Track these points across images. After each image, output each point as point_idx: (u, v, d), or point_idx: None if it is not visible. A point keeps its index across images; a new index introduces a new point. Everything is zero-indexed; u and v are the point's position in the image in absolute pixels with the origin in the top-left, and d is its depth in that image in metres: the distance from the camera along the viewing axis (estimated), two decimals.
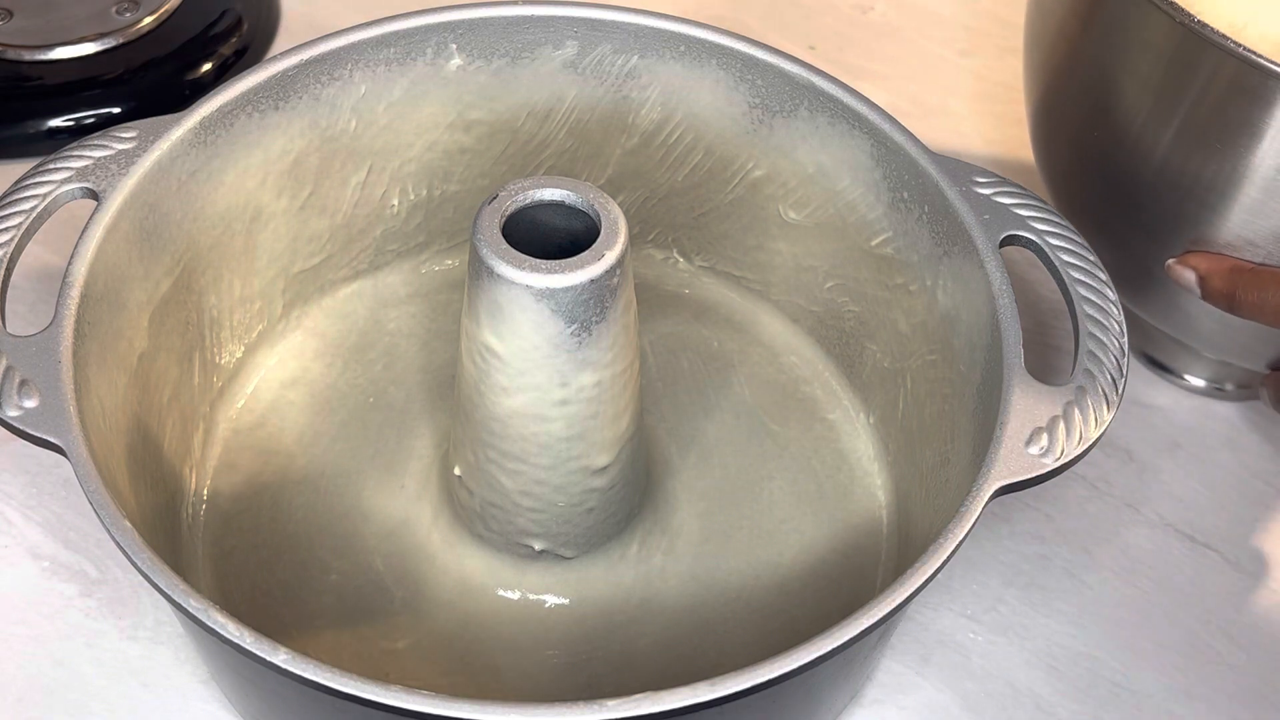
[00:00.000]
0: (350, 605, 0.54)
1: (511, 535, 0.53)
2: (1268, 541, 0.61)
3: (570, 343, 0.47)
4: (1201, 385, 0.66)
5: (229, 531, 0.55)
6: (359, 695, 0.39)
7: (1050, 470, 0.46)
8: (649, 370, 0.61)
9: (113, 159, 0.51)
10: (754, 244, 0.62)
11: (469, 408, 0.51)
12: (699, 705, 0.40)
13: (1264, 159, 0.50)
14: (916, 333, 0.56)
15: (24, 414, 0.44)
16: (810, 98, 0.56)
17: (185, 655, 0.54)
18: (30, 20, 0.73)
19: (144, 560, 0.42)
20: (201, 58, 0.74)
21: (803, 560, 0.56)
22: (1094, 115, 0.56)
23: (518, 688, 0.52)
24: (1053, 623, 0.58)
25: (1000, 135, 0.76)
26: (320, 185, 0.58)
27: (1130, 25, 0.53)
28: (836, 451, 0.60)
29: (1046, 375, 0.48)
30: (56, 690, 0.53)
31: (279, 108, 0.55)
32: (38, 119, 0.71)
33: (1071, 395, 0.47)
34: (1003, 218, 0.52)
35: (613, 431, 0.51)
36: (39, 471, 0.59)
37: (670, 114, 0.60)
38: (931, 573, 0.43)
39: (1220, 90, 0.50)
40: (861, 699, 0.55)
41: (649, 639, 0.54)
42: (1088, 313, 0.50)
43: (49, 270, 0.63)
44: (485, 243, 0.46)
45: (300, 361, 0.61)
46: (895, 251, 0.56)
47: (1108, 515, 0.61)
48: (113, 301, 0.50)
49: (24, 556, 0.57)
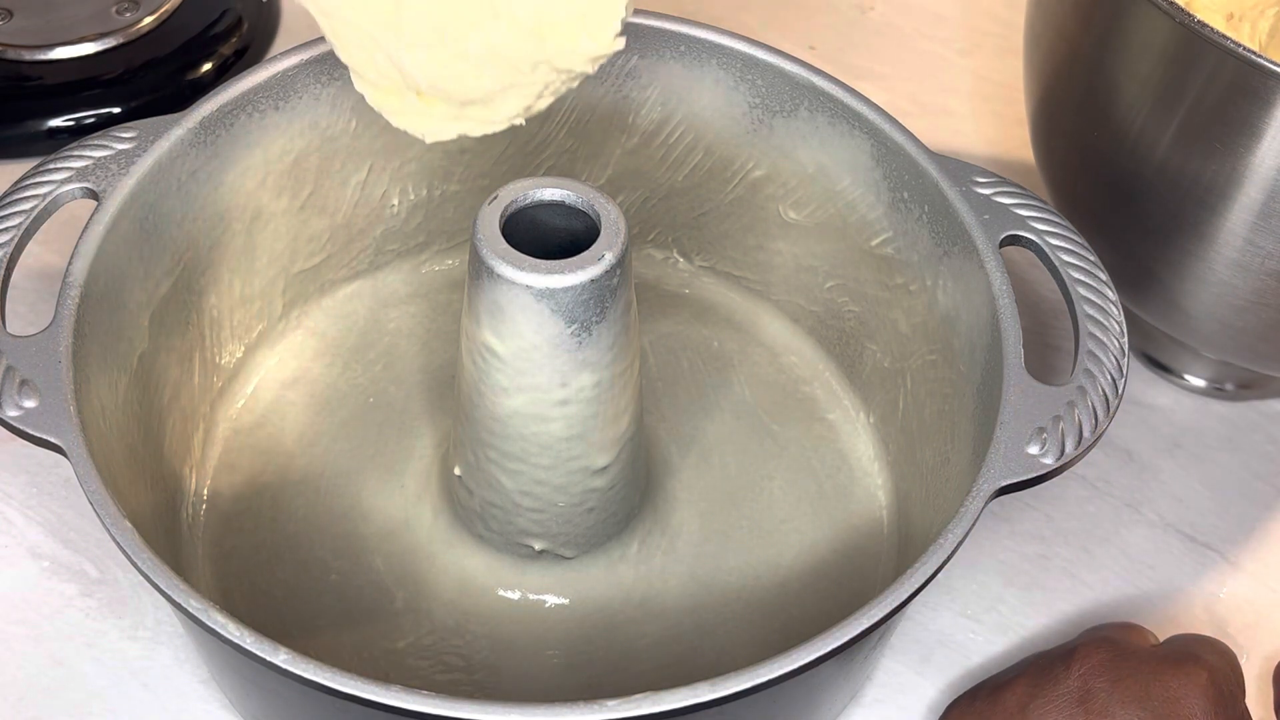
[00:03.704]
0: (350, 605, 0.54)
1: (511, 535, 0.53)
2: (1268, 541, 0.61)
3: (570, 343, 0.47)
4: (1201, 385, 0.66)
5: (229, 531, 0.55)
6: (359, 695, 0.39)
7: (1050, 470, 0.46)
8: (649, 370, 0.61)
9: (113, 159, 0.51)
10: (754, 244, 0.62)
11: (469, 408, 0.51)
12: (699, 705, 0.40)
13: (1264, 159, 0.50)
14: (916, 333, 0.56)
15: (24, 414, 0.44)
16: (810, 98, 0.56)
17: (185, 655, 0.54)
18: (30, 20, 0.73)
19: (144, 560, 0.42)
20: (201, 58, 0.74)
21: (803, 560, 0.56)
22: (1094, 115, 0.56)
23: (518, 688, 0.52)
24: (1053, 623, 0.58)
25: (1000, 135, 0.76)
26: (320, 185, 0.58)
27: (1130, 25, 0.53)
28: (836, 451, 0.60)
29: (1046, 375, 0.48)
30: (56, 690, 0.53)
31: (279, 108, 0.55)
32: (38, 119, 0.71)
33: (1071, 395, 0.47)
34: (1003, 218, 0.52)
35: (613, 431, 0.51)
36: (39, 471, 0.59)
37: (670, 114, 0.60)
38: (931, 573, 0.43)
39: (1220, 90, 0.50)
40: (861, 699, 0.55)
41: (649, 639, 0.54)
42: (1088, 313, 0.50)
43: (49, 270, 0.63)
44: (485, 243, 0.46)
45: (300, 361, 0.61)
46: (895, 251, 0.56)
47: (1108, 515, 0.61)
48: (113, 301, 0.50)
49: (24, 556, 0.57)
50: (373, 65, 0.44)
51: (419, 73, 0.43)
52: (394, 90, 0.44)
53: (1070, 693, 0.49)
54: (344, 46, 0.44)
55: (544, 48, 0.43)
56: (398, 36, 0.43)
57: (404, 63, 0.43)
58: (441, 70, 0.43)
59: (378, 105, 0.45)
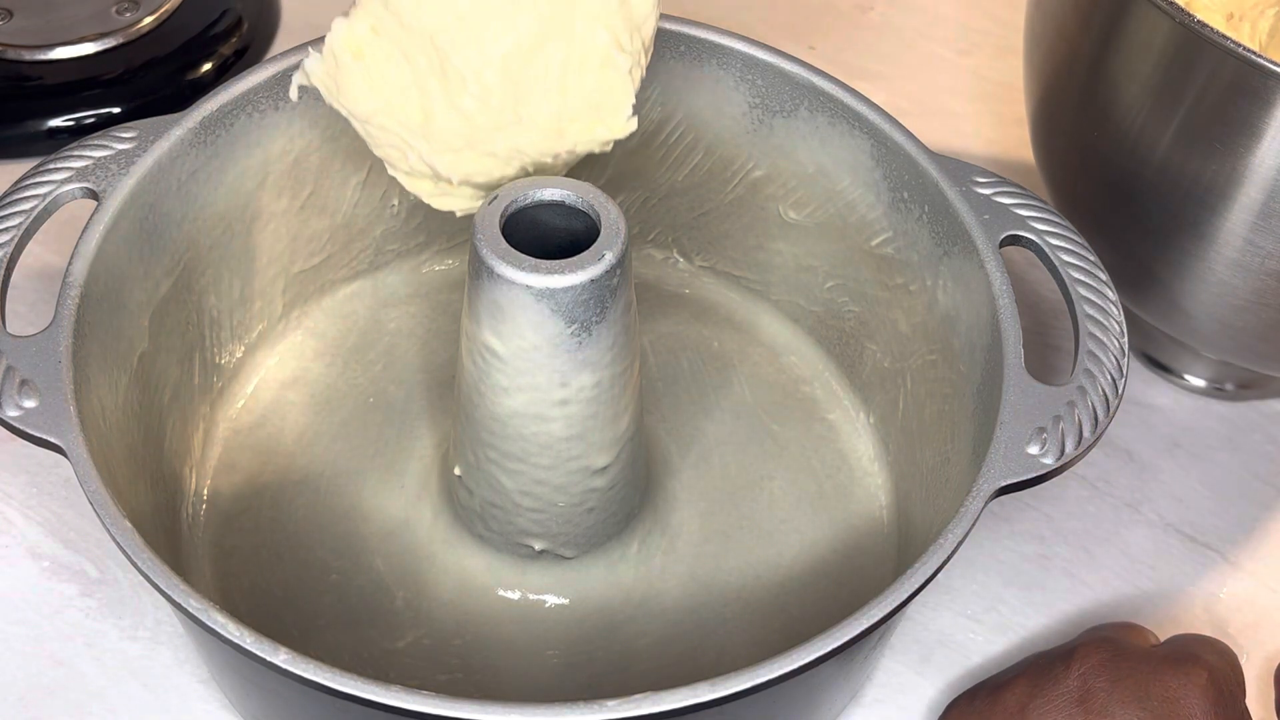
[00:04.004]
0: (351, 605, 0.54)
1: (512, 535, 0.53)
2: (1268, 541, 0.61)
3: (570, 343, 0.47)
4: (1201, 385, 0.66)
5: (229, 531, 0.55)
6: (359, 695, 0.39)
7: (1050, 470, 0.46)
8: (649, 370, 0.61)
9: (113, 159, 0.51)
10: (754, 244, 0.62)
11: (469, 408, 0.51)
12: (699, 705, 0.40)
13: (1264, 159, 0.50)
14: (916, 333, 0.56)
15: (24, 414, 0.44)
16: (810, 98, 0.56)
17: (185, 655, 0.54)
18: (30, 20, 0.73)
19: (144, 560, 0.42)
20: (201, 58, 0.74)
21: (803, 560, 0.56)
22: (1094, 115, 0.56)
23: (518, 688, 0.52)
24: (1053, 623, 0.58)
25: (1000, 135, 0.76)
26: (320, 185, 0.58)
27: (1130, 25, 0.53)
28: (836, 451, 0.60)
29: (1046, 375, 0.48)
30: (56, 690, 0.53)
31: (279, 108, 0.55)
32: (38, 119, 0.71)
33: (1071, 395, 0.47)
34: (1003, 218, 0.52)
35: (612, 431, 0.51)
36: (39, 471, 0.59)
37: (670, 114, 0.60)
38: (931, 573, 0.43)
39: (1220, 90, 0.50)
40: (861, 699, 0.55)
41: (649, 639, 0.54)
42: (1088, 313, 0.50)
43: (49, 270, 0.63)
44: (485, 243, 0.46)
45: (300, 361, 0.61)
46: (895, 251, 0.56)
47: (1108, 515, 0.61)
48: (113, 301, 0.50)
49: (24, 556, 0.57)
50: (405, 162, 0.48)
51: (450, 172, 0.48)
52: (427, 178, 0.49)
53: (1070, 692, 0.49)
54: (378, 145, 0.48)
55: (564, 140, 0.48)
56: (428, 143, 0.47)
57: (435, 164, 0.47)
58: (471, 167, 0.48)
59: (413, 190, 0.49)
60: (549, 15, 0.46)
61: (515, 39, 0.46)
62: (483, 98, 0.46)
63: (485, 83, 0.46)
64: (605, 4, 0.47)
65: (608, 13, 0.47)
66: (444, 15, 0.45)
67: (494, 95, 0.47)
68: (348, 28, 0.47)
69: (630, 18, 0.48)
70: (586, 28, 0.47)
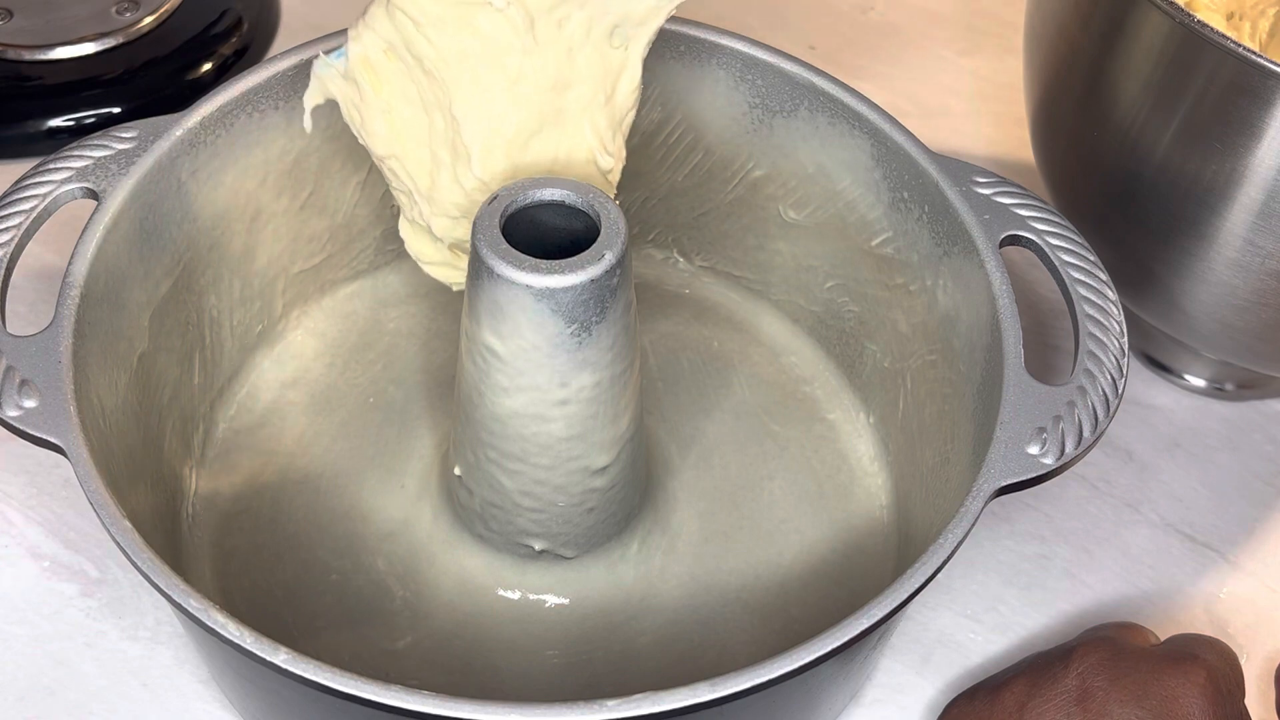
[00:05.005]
0: (351, 605, 0.54)
1: (512, 535, 0.53)
2: (1268, 541, 0.61)
3: (570, 343, 0.47)
4: (1201, 385, 0.66)
5: (229, 531, 0.55)
6: (359, 695, 0.39)
7: (1050, 470, 0.46)
8: (649, 370, 0.61)
9: (113, 159, 0.51)
10: (754, 244, 0.62)
11: (469, 408, 0.51)
12: (699, 705, 0.40)
13: (1264, 159, 0.50)
14: (916, 333, 0.56)
15: (24, 414, 0.44)
16: (810, 98, 0.56)
17: (185, 655, 0.54)
18: (30, 20, 0.73)
19: (144, 560, 0.42)
20: (201, 58, 0.74)
21: (803, 560, 0.56)
22: (1094, 115, 0.56)
23: (518, 688, 0.52)
24: (1053, 623, 0.58)
25: (1000, 135, 0.76)
26: (320, 185, 0.58)
27: (1130, 25, 0.53)
28: (836, 451, 0.60)
29: (1046, 375, 0.48)
30: (56, 690, 0.53)
31: (279, 108, 0.55)
32: (38, 119, 0.71)
33: (1071, 395, 0.47)
34: (1003, 218, 0.52)
35: (613, 432, 0.51)
36: (39, 471, 0.59)
37: (670, 114, 0.60)
38: (931, 573, 0.43)
39: (1220, 90, 0.50)
40: (861, 699, 0.55)
41: (649, 639, 0.54)
42: (1088, 313, 0.50)
43: (49, 270, 0.63)
44: (485, 243, 0.46)
45: (300, 361, 0.61)
46: (895, 251, 0.56)
47: (1108, 515, 0.61)
48: (113, 301, 0.50)
49: (24, 556, 0.57)
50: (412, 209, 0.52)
51: (444, 235, 0.51)
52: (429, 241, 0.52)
53: (1068, 691, 0.49)
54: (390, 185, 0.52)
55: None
56: (430, 205, 0.50)
57: (432, 225, 0.50)
58: (462, 234, 0.51)
59: (414, 253, 0.53)
60: (547, 102, 0.49)
61: (521, 119, 0.49)
62: (485, 180, 0.49)
63: (491, 167, 0.49)
64: (594, 97, 0.50)
65: (594, 108, 0.50)
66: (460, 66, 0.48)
67: (497, 182, 0.49)
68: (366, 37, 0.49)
69: (613, 115, 0.51)
70: (575, 121, 0.50)
